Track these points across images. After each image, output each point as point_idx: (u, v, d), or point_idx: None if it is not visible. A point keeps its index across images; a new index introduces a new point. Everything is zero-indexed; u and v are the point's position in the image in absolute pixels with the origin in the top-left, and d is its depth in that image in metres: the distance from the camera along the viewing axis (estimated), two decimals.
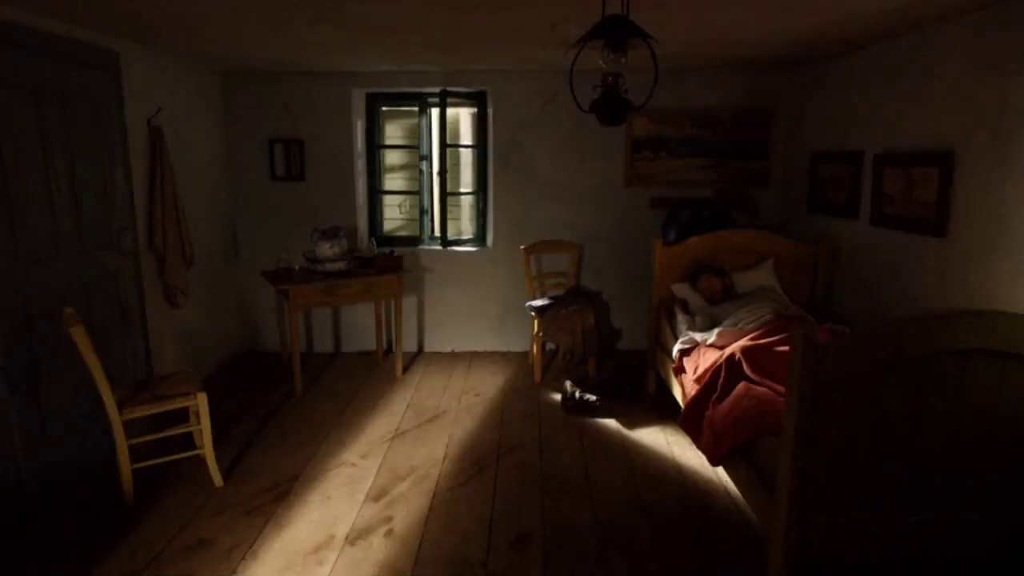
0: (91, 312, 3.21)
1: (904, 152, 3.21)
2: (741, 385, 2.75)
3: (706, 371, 3.04)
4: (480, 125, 4.96)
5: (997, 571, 2.18)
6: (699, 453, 3.30)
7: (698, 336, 3.37)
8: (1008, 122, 2.56)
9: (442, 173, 4.67)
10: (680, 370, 3.40)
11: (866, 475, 1.98)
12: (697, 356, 3.25)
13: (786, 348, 2.86)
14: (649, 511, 2.83)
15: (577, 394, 3.95)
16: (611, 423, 3.75)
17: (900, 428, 1.94)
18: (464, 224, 5.30)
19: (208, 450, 3.01)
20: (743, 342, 3.00)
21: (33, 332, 2.84)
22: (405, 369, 4.69)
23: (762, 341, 2.96)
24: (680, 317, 3.72)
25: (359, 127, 4.91)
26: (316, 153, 4.84)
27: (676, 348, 3.45)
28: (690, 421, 2.99)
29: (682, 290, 4.00)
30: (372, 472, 3.19)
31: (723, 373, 2.87)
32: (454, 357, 5.02)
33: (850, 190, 3.70)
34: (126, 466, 2.82)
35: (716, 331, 3.29)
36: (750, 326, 3.25)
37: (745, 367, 2.81)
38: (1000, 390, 1.93)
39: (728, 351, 2.95)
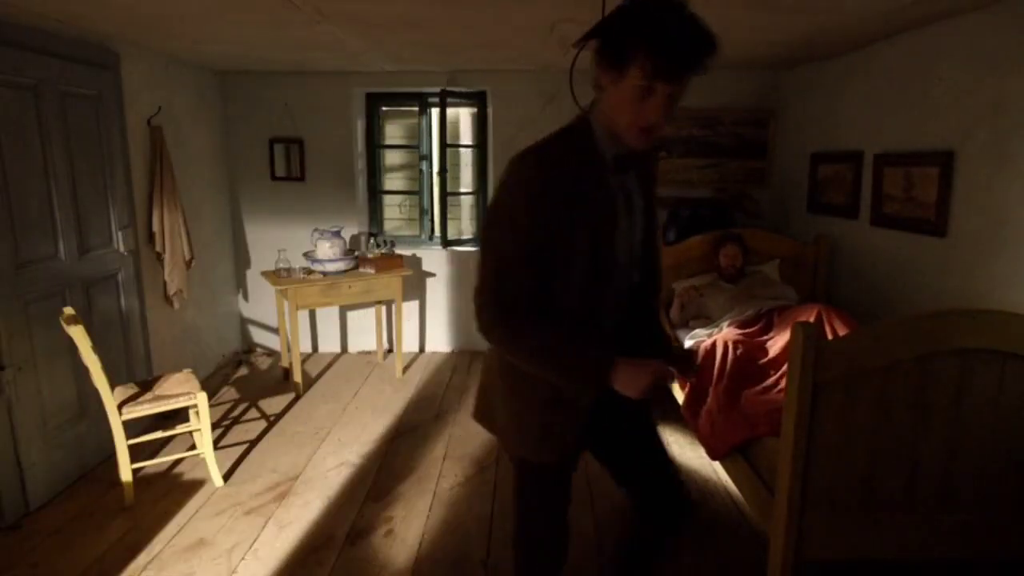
0: (91, 312, 3.22)
1: (904, 152, 3.21)
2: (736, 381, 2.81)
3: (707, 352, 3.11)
4: (480, 125, 4.96)
5: (997, 572, 2.17)
6: (699, 453, 3.31)
7: (702, 331, 3.42)
8: (1008, 122, 2.56)
9: (442, 173, 4.67)
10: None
11: (866, 475, 1.97)
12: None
13: (773, 341, 2.98)
14: None
15: None
16: None
17: (900, 428, 1.94)
18: (464, 224, 5.30)
19: (208, 450, 3.01)
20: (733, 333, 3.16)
21: (33, 332, 2.84)
22: (405, 369, 4.69)
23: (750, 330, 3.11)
24: (675, 301, 3.85)
25: (359, 127, 4.91)
26: (316, 153, 4.84)
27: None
28: (690, 408, 3.06)
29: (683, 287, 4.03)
30: (372, 472, 3.18)
31: (725, 358, 2.95)
32: (454, 357, 5.02)
33: (850, 190, 3.70)
34: (126, 466, 2.82)
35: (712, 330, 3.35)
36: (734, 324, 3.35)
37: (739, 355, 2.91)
38: (1000, 390, 1.93)
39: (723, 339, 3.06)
